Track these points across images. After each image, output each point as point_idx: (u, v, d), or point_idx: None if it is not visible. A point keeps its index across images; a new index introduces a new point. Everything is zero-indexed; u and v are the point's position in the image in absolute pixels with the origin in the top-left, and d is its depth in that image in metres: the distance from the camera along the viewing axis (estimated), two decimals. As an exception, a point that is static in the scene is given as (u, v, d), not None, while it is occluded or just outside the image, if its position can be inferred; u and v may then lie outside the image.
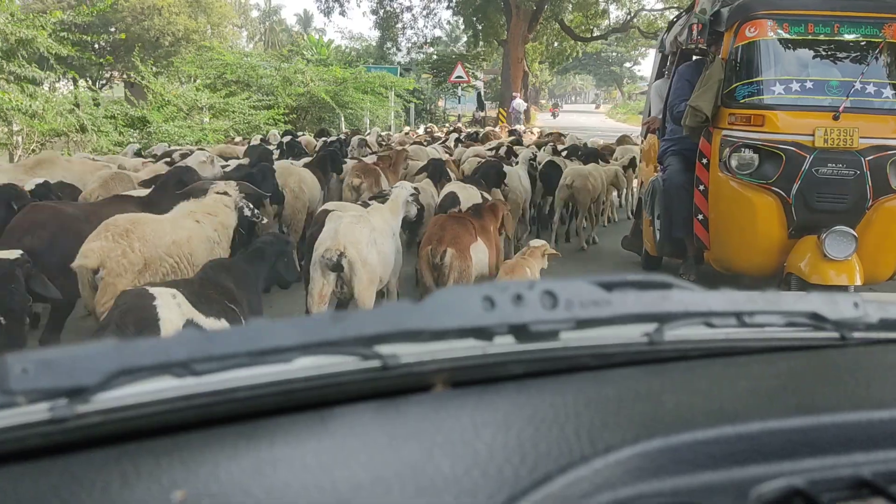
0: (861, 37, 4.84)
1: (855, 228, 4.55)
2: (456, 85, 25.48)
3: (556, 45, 32.50)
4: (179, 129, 12.92)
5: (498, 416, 0.70)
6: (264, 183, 5.38)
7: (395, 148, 9.23)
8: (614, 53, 58.17)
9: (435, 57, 32.63)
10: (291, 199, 6.00)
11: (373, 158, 7.86)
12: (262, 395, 0.72)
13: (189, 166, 5.72)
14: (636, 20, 31.72)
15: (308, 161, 7.18)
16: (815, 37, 4.86)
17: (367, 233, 4.02)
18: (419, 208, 4.97)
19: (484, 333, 0.72)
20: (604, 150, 10.16)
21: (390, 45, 32.64)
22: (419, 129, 17.97)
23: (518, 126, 19.48)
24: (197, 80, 15.93)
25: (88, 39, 13.28)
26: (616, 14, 32.62)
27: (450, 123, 22.39)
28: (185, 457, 0.62)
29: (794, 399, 0.77)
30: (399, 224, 4.67)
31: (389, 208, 4.61)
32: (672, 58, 6.54)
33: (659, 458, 0.62)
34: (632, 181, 9.20)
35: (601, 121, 43.41)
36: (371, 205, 4.79)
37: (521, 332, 0.73)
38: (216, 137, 13.33)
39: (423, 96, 28.30)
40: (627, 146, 10.55)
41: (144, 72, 14.01)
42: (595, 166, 8.11)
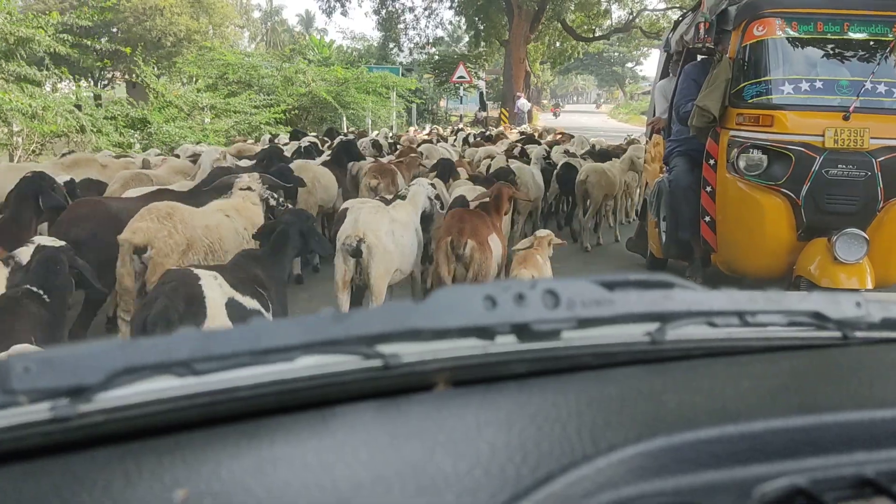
0: (871, 35, 4.76)
1: (866, 231, 4.47)
2: (458, 85, 25.46)
3: (557, 45, 32.46)
4: (180, 130, 12.86)
5: (500, 415, 0.70)
6: (285, 179, 5.56)
7: (405, 147, 9.49)
8: (616, 53, 58.14)
9: (437, 57, 32.61)
10: (305, 195, 6.17)
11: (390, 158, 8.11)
12: (264, 394, 0.72)
13: (228, 166, 6.08)
14: (638, 20, 31.73)
15: (325, 159, 7.43)
16: (825, 35, 4.78)
17: (386, 222, 4.29)
18: (438, 205, 5.21)
19: (486, 333, 0.72)
20: (615, 150, 10.24)
21: (392, 45, 32.66)
22: (426, 129, 17.98)
23: (524, 126, 19.50)
24: (198, 81, 15.92)
25: (88, 44, 13.26)
26: (618, 14, 32.69)
27: (452, 124, 22.39)
28: (187, 456, 0.62)
29: (796, 398, 0.77)
30: (419, 218, 4.87)
31: (410, 203, 4.83)
32: (677, 57, 6.48)
33: (661, 458, 0.62)
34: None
35: (603, 121, 43.22)
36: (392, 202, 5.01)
37: (522, 331, 0.73)
38: (217, 138, 13.32)
39: (424, 96, 28.30)
40: (639, 146, 10.59)
41: (146, 72, 14.00)
42: (612, 163, 8.20)
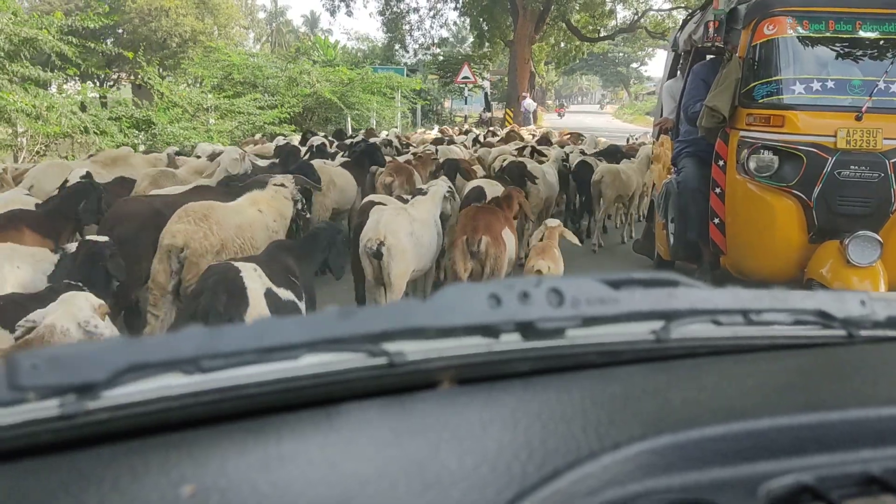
0: (884, 34, 4.67)
1: (879, 233, 4.36)
2: (462, 85, 25.46)
3: (562, 45, 32.44)
4: (184, 131, 12.87)
5: (505, 412, 0.70)
6: (311, 177, 5.76)
7: (415, 147, 9.72)
8: (621, 54, 58.12)
9: (441, 58, 32.63)
10: (319, 196, 6.32)
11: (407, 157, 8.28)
12: (270, 391, 0.72)
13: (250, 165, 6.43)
14: (643, 20, 31.70)
15: (345, 161, 7.64)
16: (836, 34, 4.69)
17: (406, 224, 4.50)
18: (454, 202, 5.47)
19: (490, 331, 0.72)
20: (628, 150, 10.29)
21: (398, 46, 32.68)
22: (433, 130, 18.00)
23: (530, 126, 19.49)
24: (204, 82, 15.93)
25: (93, 46, 13.27)
26: (623, 14, 32.69)
27: (457, 125, 22.40)
28: (194, 452, 0.63)
29: (802, 396, 0.77)
30: (438, 215, 5.08)
31: (430, 200, 5.06)
32: (686, 56, 6.40)
33: (667, 455, 0.62)
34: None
35: (608, 121, 43.02)
36: (410, 199, 5.27)
37: (527, 329, 0.73)
38: (221, 139, 13.33)
39: (429, 97, 28.30)
40: (648, 147, 10.65)
41: (149, 72, 14.01)
42: (627, 164, 8.25)
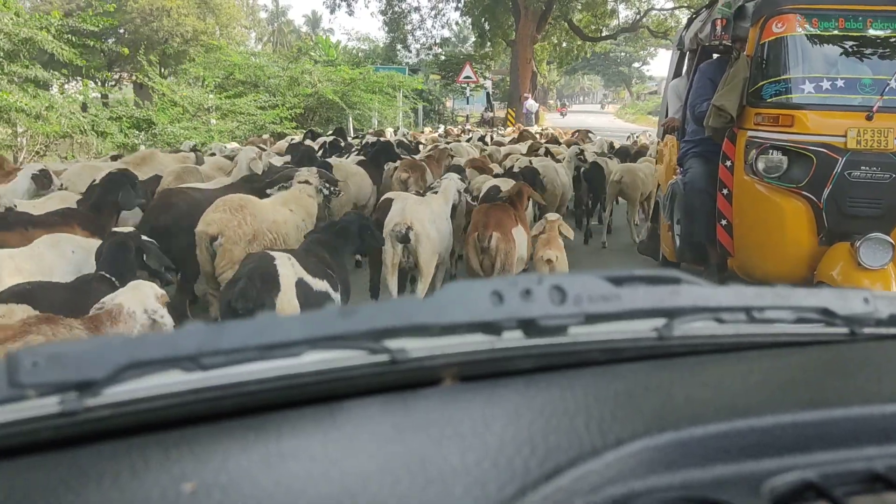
0: (895, 32, 4.60)
1: (891, 235, 4.28)
2: (464, 85, 25.45)
3: (564, 45, 32.43)
4: (185, 131, 12.86)
5: (507, 409, 0.70)
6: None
7: (431, 144, 10.02)
8: (623, 53, 58.06)
9: (443, 58, 32.63)
10: None
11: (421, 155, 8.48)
12: (271, 388, 0.72)
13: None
14: (645, 20, 31.68)
15: (361, 159, 7.82)
16: (846, 32, 4.62)
17: (428, 212, 4.80)
18: (469, 197, 5.70)
19: (492, 328, 0.72)
20: (640, 150, 10.39)
21: (399, 46, 32.67)
22: (439, 130, 18.02)
23: (533, 126, 19.52)
24: (206, 82, 15.94)
25: (92, 44, 13.27)
26: (625, 14, 32.68)
27: (460, 125, 22.43)
28: (195, 449, 0.63)
29: (805, 393, 0.77)
30: (450, 210, 5.25)
31: (442, 196, 5.24)
32: (691, 55, 6.34)
33: (670, 452, 0.61)
34: None
35: (609, 121, 42.92)
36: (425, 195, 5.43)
37: (529, 326, 0.72)
38: (222, 139, 13.33)
39: (431, 97, 28.30)
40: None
41: (151, 73, 14.01)
42: (644, 163, 8.34)
